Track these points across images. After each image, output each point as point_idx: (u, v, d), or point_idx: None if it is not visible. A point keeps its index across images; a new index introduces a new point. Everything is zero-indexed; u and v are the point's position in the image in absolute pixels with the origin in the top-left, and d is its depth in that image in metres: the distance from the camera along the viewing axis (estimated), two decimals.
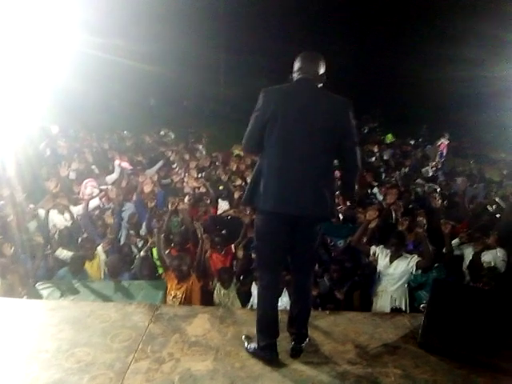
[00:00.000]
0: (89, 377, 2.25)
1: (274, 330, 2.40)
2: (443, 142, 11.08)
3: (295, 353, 2.46)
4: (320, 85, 2.37)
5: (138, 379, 2.25)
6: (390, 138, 12.54)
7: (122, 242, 4.95)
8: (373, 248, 4.12)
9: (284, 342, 2.48)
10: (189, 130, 9.82)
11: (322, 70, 2.36)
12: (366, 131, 13.08)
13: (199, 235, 4.16)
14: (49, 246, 4.59)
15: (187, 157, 7.34)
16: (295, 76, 2.36)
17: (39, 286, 3.92)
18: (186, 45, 11.90)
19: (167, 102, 12.39)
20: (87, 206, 5.19)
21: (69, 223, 5.04)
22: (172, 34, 11.19)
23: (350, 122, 2.31)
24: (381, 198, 6.04)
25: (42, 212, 4.99)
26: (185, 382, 2.25)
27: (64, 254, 4.47)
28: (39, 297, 3.67)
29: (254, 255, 4.06)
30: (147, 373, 2.30)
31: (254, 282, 3.97)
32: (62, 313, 2.86)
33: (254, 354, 2.44)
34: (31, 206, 5.09)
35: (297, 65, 2.37)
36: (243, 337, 2.57)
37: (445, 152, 11.02)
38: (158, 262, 4.34)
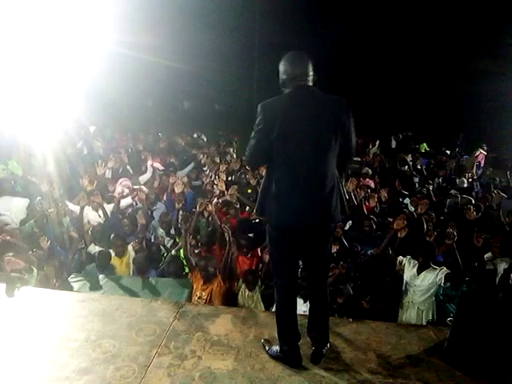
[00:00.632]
0: (113, 367, 2.34)
1: (295, 334, 2.41)
2: (481, 153, 10.73)
3: (316, 358, 2.46)
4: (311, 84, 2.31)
5: (159, 373, 2.31)
6: (424, 147, 12.27)
7: (152, 241, 5.08)
8: (400, 258, 4.05)
9: (304, 346, 2.48)
10: (220, 133, 9.95)
11: (312, 71, 2.30)
12: (399, 139, 12.85)
13: (227, 238, 4.20)
14: (82, 241, 4.77)
15: (218, 160, 7.45)
16: (290, 83, 2.27)
17: (71, 278, 4.08)
18: (222, 45, 11.93)
19: (200, 104, 12.56)
20: (118, 204, 5.36)
21: (102, 220, 5.22)
22: (207, 34, 11.26)
23: (351, 121, 2.30)
24: (412, 208, 5.92)
25: (77, 208, 5.19)
26: (205, 380, 2.29)
27: (96, 249, 4.63)
28: (71, 289, 3.82)
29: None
30: (169, 368, 2.36)
31: None
32: (92, 305, 2.98)
33: (277, 357, 2.45)
34: (67, 202, 5.31)
35: (289, 70, 2.28)
36: (262, 340, 2.59)
37: (482, 163, 10.66)
38: (184, 262, 4.42)
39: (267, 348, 2.53)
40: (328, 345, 2.50)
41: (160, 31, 10.35)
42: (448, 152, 11.31)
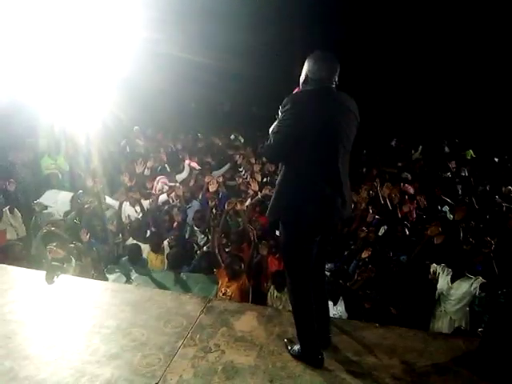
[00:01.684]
0: (141, 355, 2.45)
1: (315, 334, 2.41)
2: None
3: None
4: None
5: (183, 364, 2.39)
6: (470, 153, 11.79)
7: (186, 238, 5.21)
8: (433, 266, 3.95)
9: (333, 352, 2.49)
10: (257, 135, 10.02)
11: (338, 72, 2.31)
12: (444, 145, 12.42)
13: (252, 237, 4.25)
14: (120, 235, 4.98)
15: (253, 160, 7.52)
16: (313, 78, 2.27)
17: (108, 270, 4.28)
18: (261, 46, 11.90)
19: (239, 104, 12.63)
20: (157, 200, 5.54)
21: (139, 216, 5.42)
22: (252, 34, 11.25)
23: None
24: (451, 216, 5.73)
25: (115, 203, 5.42)
26: (227, 373, 2.34)
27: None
28: (107, 280, 4.00)
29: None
30: (193, 359, 2.43)
31: None
32: (125, 295, 3.12)
33: (299, 357, 2.46)
34: (107, 197, 5.55)
35: (312, 66, 2.27)
36: (286, 340, 2.60)
37: None
38: None
39: (289, 347, 2.54)
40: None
41: (200, 30, 10.48)
42: (496, 159, 10.81)
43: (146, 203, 5.53)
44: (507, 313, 2.52)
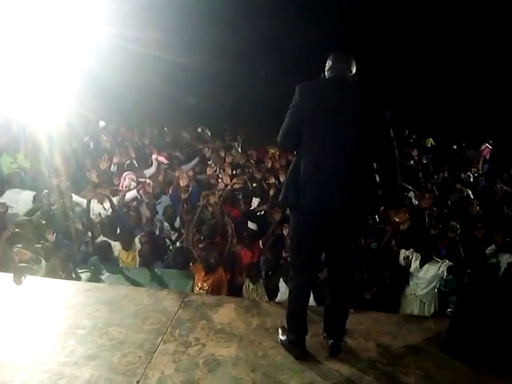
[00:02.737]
0: (120, 354, 2.41)
1: (303, 327, 2.45)
2: (487, 147, 10.67)
3: (334, 350, 2.47)
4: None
5: (164, 360, 2.38)
6: (430, 141, 12.21)
7: (157, 234, 5.14)
8: (403, 251, 4.09)
9: (315, 338, 2.53)
10: (225, 128, 9.97)
11: (353, 70, 2.38)
12: (405, 134, 12.80)
13: (229, 231, 4.25)
14: (89, 234, 4.84)
15: (223, 154, 7.49)
16: (327, 74, 2.38)
17: (78, 270, 4.16)
18: (225, 40, 11.89)
19: (205, 98, 12.54)
20: (123, 197, 5.43)
21: (109, 213, 5.29)
22: (212, 29, 11.23)
23: (385, 117, 2.31)
24: (416, 202, 5.94)
25: (82, 201, 5.27)
26: (209, 366, 2.35)
27: None
28: (78, 280, 3.90)
29: (285, 254, 4.13)
30: (174, 354, 2.42)
31: (281, 278, 4.03)
32: (99, 294, 3.05)
33: (284, 346, 2.50)
34: (73, 195, 5.38)
35: (329, 64, 2.39)
36: (279, 328, 2.59)
37: (488, 157, 10.60)
38: None
39: (279, 334, 2.55)
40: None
41: (165, 26, 10.36)
42: (454, 147, 11.25)
43: (114, 200, 5.40)
44: (472, 292, 2.66)
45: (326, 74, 2.40)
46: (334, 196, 2.24)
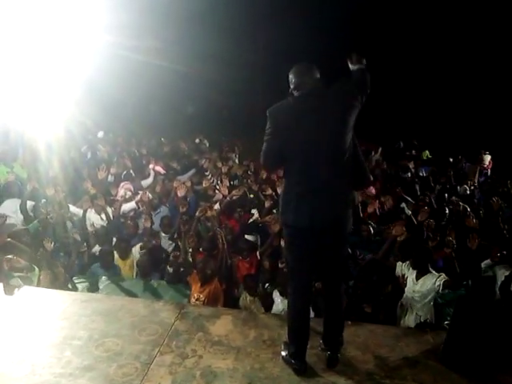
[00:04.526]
0: (116, 365, 2.39)
1: (303, 338, 2.44)
2: (484, 160, 10.74)
3: (332, 362, 2.47)
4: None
5: (161, 371, 2.36)
6: (426, 154, 12.29)
7: (154, 245, 5.11)
8: (399, 264, 4.09)
9: (312, 350, 2.52)
10: (223, 139, 10.01)
11: (317, 76, 2.39)
12: (401, 146, 12.88)
13: (220, 240, 4.24)
14: (85, 244, 4.82)
15: (220, 164, 7.51)
16: (295, 93, 2.37)
17: (75, 280, 4.14)
18: (224, 49, 11.96)
19: (204, 107, 12.59)
20: (120, 207, 5.42)
21: (105, 223, 5.28)
22: (211, 38, 11.29)
23: (357, 102, 2.31)
24: (409, 212, 5.95)
25: (79, 211, 5.26)
26: (205, 378, 2.34)
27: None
28: (74, 290, 3.87)
29: (281, 265, 4.12)
30: (171, 366, 2.41)
31: (275, 290, 4.02)
32: (95, 305, 3.04)
33: (285, 361, 2.47)
34: (70, 205, 5.37)
35: (292, 81, 2.38)
36: (282, 344, 2.58)
37: (485, 171, 10.68)
38: None
39: (282, 349, 2.54)
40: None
41: (164, 35, 10.43)
42: (451, 160, 11.32)
43: (110, 210, 5.40)
44: (469, 305, 2.66)
45: (292, 91, 2.39)
46: (323, 211, 2.31)
